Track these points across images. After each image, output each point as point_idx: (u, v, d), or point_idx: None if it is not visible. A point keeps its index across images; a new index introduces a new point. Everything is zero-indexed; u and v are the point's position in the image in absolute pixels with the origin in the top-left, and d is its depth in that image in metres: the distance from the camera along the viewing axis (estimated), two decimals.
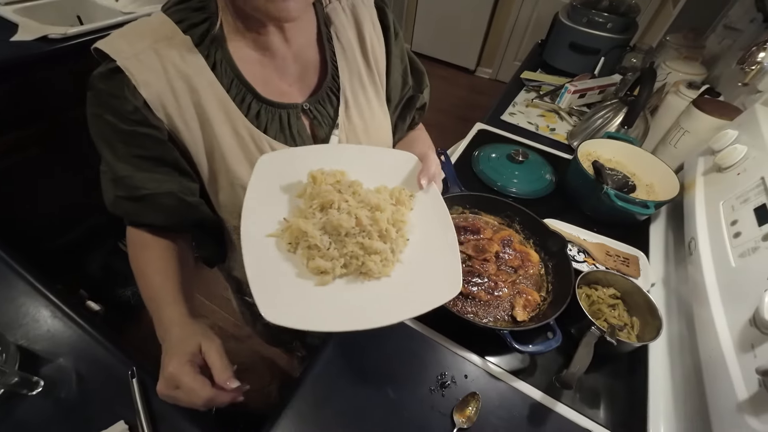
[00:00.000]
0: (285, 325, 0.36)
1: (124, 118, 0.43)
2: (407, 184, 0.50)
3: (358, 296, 0.41)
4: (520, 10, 2.87)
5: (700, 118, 0.82)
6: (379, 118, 0.59)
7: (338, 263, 0.41)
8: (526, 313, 0.60)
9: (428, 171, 0.49)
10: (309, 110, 0.52)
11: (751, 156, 0.65)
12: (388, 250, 0.42)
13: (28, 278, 0.61)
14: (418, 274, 0.43)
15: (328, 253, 0.41)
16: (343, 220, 0.42)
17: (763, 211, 0.55)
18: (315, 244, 0.41)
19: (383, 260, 0.42)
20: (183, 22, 0.44)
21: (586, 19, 1.26)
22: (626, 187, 0.84)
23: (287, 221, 0.44)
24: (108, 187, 0.48)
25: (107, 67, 0.42)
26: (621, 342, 0.53)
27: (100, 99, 0.44)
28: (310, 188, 0.45)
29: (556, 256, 0.67)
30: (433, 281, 0.42)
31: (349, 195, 0.45)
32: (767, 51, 0.77)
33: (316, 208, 0.44)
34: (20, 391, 0.49)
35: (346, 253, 0.41)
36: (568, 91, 1.13)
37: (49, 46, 1.15)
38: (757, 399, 0.41)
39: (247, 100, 0.48)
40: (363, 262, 0.41)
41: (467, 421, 0.50)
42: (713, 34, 1.24)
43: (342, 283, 0.42)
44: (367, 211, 0.44)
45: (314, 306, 0.39)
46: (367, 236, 0.42)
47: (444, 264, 0.43)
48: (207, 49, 0.45)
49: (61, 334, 0.55)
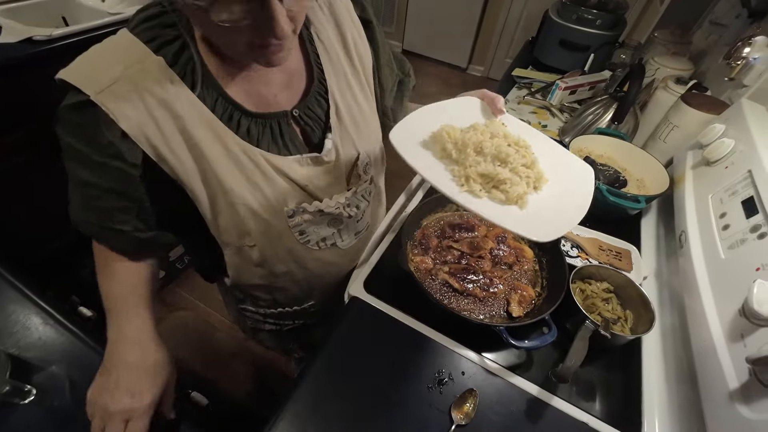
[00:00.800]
0: (401, 151, 0.44)
1: (97, 150, 0.42)
2: (488, 118, 0.56)
3: (483, 200, 0.45)
4: (511, 8, 2.88)
5: (688, 113, 0.84)
6: (366, 115, 0.58)
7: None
8: (521, 309, 0.60)
9: (498, 100, 0.55)
10: (299, 117, 0.51)
11: (738, 149, 0.66)
12: (532, 178, 0.48)
13: (18, 285, 0.60)
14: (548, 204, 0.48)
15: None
16: (502, 147, 0.48)
17: (750, 203, 0.56)
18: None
19: (525, 185, 0.47)
20: (153, 41, 0.41)
21: (576, 16, 1.27)
22: (617, 183, 0.85)
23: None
24: (74, 207, 0.49)
25: (78, 99, 0.39)
26: (615, 335, 0.54)
27: (71, 129, 0.42)
28: (451, 143, 0.48)
29: (549, 251, 0.68)
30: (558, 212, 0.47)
31: (487, 137, 0.49)
32: (752, 46, 0.78)
33: (470, 153, 0.47)
34: (12, 400, 0.48)
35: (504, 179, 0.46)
36: (559, 88, 1.14)
37: (33, 48, 1.12)
38: (748, 388, 0.42)
39: (235, 117, 0.46)
40: (510, 186, 0.46)
41: (465, 418, 0.50)
42: (700, 30, 1.26)
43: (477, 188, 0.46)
44: (511, 145, 0.50)
45: (435, 167, 0.46)
46: (516, 166, 0.48)
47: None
48: (183, 69, 0.42)
49: (54, 342, 0.54)
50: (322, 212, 0.57)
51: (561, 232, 0.44)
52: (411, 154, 0.46)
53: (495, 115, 0.56)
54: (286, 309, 0.74)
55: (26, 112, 1.19)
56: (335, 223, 0.61)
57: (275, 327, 0.81)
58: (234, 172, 0.47)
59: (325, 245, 0.63)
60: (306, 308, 0.75)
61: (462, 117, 0.53)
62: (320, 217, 0.58)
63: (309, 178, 0.53)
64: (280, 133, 0.50)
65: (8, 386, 0.47)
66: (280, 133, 0.50)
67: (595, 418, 0.52)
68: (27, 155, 1.23)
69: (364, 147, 0.58)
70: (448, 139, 0.48)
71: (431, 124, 0.50)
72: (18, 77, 1.12)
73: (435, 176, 0.46)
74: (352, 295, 0.63)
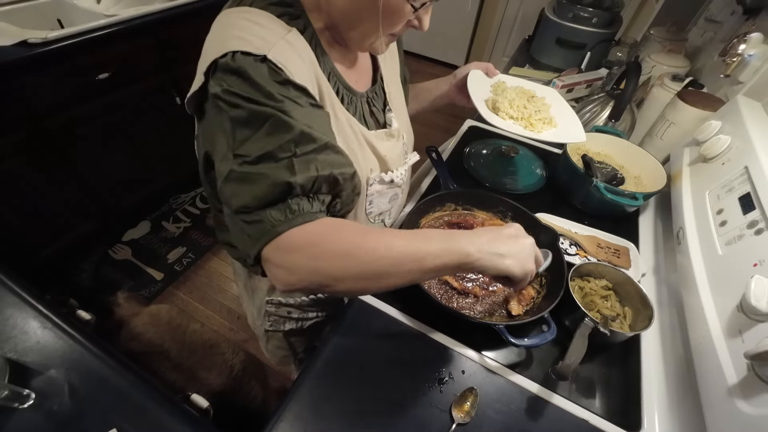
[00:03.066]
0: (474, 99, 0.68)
1: (300, 94, 0.44)
2: (489, 81, 0.77)
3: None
4: (507, 7, 2.88)
5: (684, 110, 0.84)
6: (402, 104, 0.69)
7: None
8: (521, 308, 0.60)
9: (490, 67, 0.76)
10: (371, 100, 0.59)
11: (734, 146, 0.66)
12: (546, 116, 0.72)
13: (15, 290, 0.59)
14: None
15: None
16: (519, 99, 0.72)
17: (747, 199, 0.56)
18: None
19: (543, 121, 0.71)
20: (283, 17, 0.45)
21: (572, 14, 1.27)
22: (615, 180, 0.85)
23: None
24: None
25: (251, 58, 0.41)
26: (614, 332, 0.54)
27: (254, 80, 0.40)
28: (498, 91, 0.74)
29: (549, 249, 0.68)
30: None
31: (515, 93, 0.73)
32: (747, 43, 0.78)
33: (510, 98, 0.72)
34: (11, 404, 0.48)
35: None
36: (556, 86, 1.14)
37: (28, 51, 1.12)
38: (746, 383, 0.42)
39: (341, 90, 0.53)
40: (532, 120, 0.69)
41: (466, 416, 0.50)
42: (695, 27, 1.27)
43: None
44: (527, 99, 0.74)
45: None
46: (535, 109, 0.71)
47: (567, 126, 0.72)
48: (309, 41, 0.47)
49: (52, 346, 0.54)
50: (392, 182, 0.63)
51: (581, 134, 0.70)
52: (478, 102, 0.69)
53: (491, 77, 0.77)
54: (318, 295, 0.74)
55: (21, 115, 1.19)
56: (393, 199, 0.68)
57: (296, 325, 0.80)
58: (339, 139, 0.51)
59: (379, 220, 0.69)
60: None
61: (481, 79, 0.76)
62: (388, 188, 0.63)
63: (387, 150, 0.60)
64: (362, 111, 0.57)
65: (7, 391, 0.47)
66: (362, 111, 0.57)
67: (595, 414, 0.52)
68: (22, 159, 1.23)
69: (405, 130, 0.67)
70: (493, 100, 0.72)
71: (478, 91, 0.72)
72: (13, 80, 1.12)
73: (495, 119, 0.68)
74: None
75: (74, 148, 1.35)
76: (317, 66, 0.48)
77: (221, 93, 0.41)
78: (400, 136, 0.64)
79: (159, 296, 1.59)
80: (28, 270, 1.41)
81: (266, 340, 0.86)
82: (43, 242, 1.44)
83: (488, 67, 0.76)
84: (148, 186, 1.73)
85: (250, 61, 0.41)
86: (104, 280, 1.61)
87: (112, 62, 1.32)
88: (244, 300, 0.87)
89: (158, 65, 1.48)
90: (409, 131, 0.70)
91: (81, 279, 1.59)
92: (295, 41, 0.45)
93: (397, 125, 0.63)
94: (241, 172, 0.41)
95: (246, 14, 0.44)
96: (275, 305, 0.76)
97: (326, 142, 0.44)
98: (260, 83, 0.41)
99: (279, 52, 0.42)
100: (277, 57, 0.42)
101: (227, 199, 0.43)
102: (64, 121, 1.29)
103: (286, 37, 0.44)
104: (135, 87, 1.45)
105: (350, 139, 0.53)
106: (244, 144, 0.41)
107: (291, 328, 0.80)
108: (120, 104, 1.43)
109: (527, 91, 0.76)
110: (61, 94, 1.25)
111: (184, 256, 1.73)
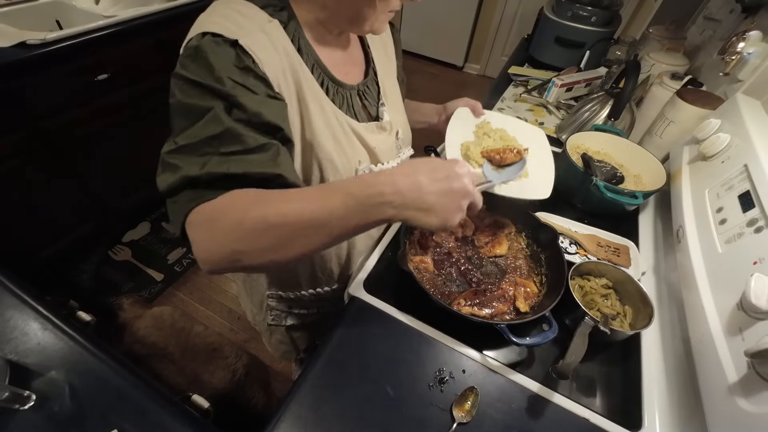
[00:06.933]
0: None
1: (259, 83, 0.43)
2: (474, 121, 0.78)
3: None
4: (506, 6, 2.88)
5: (684, 109, 0.84)
6: (398, 99, 0.69)
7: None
8: (527, 305, 0.60)
9: (477, 105, 0.76)
10: (362, 93, 0.60)
11: (734, 144, 0.66)
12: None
13: (15, 291, 0.59)
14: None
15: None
16: (498, 145, 0.73)
17: (747, 197, 0.56)
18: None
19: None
20: (267, 8, 0.47)
21: (571, 13, 1.27)
22: (615, 179, 0.85)
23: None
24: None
25: (219, 39, 0.41)
26: (614, 331, 0.54)
27: (209, 62, 0.40)
28: (479, 134, 0.76)
29: (548, 248, 0.68)
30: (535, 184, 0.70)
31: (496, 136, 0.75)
32: (746, 41, 0.78)
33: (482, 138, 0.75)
34: (11, 406, 0.48)
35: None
36: (555, 85, 1.14)
37: (27, 52, 1.12)
38: (746, 381, 0.42)
39: (325, 83, 0.53)
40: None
41: (466, 416, 0.50)
42: (694, 25, 1.27)
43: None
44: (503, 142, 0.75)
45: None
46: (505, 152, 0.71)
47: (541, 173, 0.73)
48: (292, 33, 0.48)
49: (52, 347, 0.54)
50: None
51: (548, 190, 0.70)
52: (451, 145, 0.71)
53: (477, 117, 0.78)
54: (317, 290, 0.74)
55: (20, 116, 1.19)
56: None
57: (298, 320, 0.80)
58: (325, 130, 0.52)
59: None
60: (336, 290, 0.75)
61: (467, 119, 0.77)
62: None
63: (377, 142, 0.61)
64: (351, 103, 0.57)
65: (7, 392, 0.47)
66: (352, 103, 0.57)
67: (595, 413, 0.52)
68: (21, 160, 1.23)
69: (400, 126, 0.67)
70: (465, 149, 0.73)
71: (458, 133, 0.74)
72: (12, 82, 1.12)
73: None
74: (352, 295, 0.63)
75: (74, 149, 1.35)
76: (297, 58, 0.48)
77: (174, 76, 0.43)
78: (392, 130, 0.64)
79: (159, 297, 1.59)
80: (28, 271, 1.41)
81: (269, 334, 0.87)
82: (43, 243, 1.44)
83: (475, 106, 0.76)
84: (148, 187, 1.72)
85: (216, 42, 0.42)
86: (104, 281, 1.61)
87: (111, 63, 1.32)
88: (243, 297, 0.87)
89: (158, 66, 1.48)
90: (405, 127, 0.70)
91: (81, 280, 1.59)
92: (274, 32, 0.46)
93: (389, 119, 0.64)
94: (164, 159, 0.41)
95: (231, 4, 0.46)
96: (276, 299, 0.76)
97: (261, 144, 0.41)
98: (214, 66, 0.40)
99: (252, 39, 0.43)
100: (248, 43, 0.42)
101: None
102: (64, 122, 1.29)
103: (264, 27, 0.45)
104: (134, 88, 1.45)
105: (336, 129, 0.54)
106: (179, 132, 0.41)
107: (293, 323, 0.81)
108: (119, 105, 1.43)
109: (509, 137, 0.76)
110: (61, 95, 1.25)
111: (184, 257, 1.73)
